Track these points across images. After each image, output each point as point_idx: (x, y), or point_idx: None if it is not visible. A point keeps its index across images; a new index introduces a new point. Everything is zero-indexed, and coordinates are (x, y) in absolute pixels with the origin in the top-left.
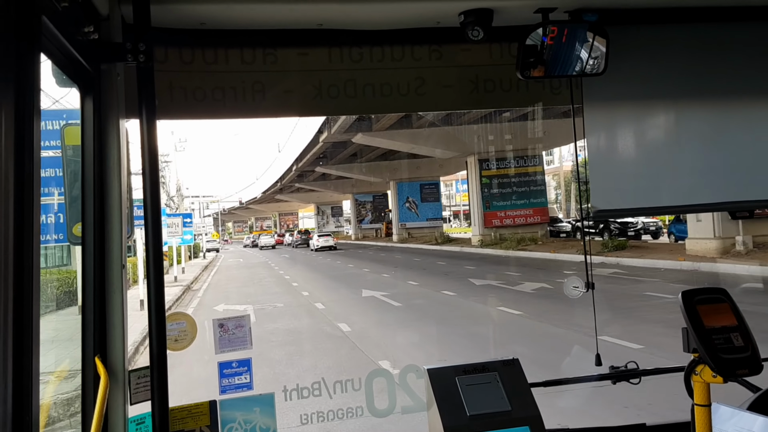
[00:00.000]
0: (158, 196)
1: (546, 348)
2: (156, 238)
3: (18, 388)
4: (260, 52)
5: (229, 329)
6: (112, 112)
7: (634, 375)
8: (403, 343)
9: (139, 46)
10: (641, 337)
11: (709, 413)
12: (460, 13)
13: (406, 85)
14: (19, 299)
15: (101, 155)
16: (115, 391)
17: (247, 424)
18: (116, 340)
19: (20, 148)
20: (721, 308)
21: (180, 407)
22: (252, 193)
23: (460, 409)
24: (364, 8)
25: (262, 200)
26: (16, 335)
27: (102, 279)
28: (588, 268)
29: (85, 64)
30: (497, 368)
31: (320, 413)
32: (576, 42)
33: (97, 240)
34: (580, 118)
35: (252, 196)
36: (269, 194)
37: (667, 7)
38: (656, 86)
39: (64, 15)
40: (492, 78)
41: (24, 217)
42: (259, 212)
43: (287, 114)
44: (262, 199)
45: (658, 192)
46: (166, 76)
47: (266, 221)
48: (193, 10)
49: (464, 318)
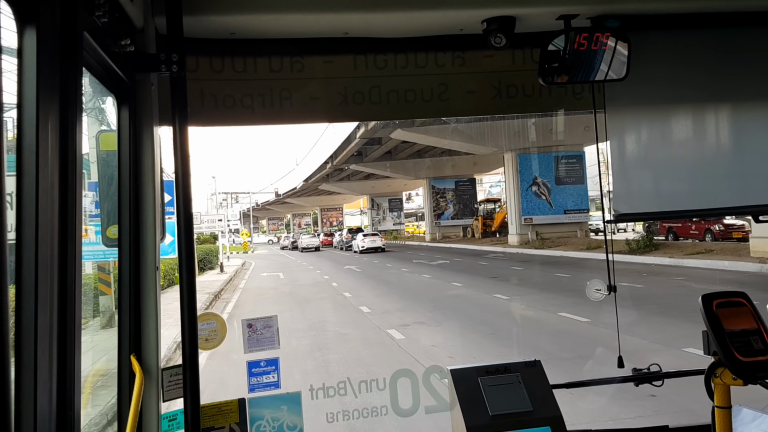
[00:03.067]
0: (190, 200)
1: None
2: (188, 242)
3: (62, 385)
4: (287, 60)
5: (257, 329)
6: (146, 120)
7: (657, 377)
8: None
9: (172, 57)
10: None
11: (729, 415)
12: (483, 20)
13: (430, 91)
14: (63, 301)
15: (136, 161)
16: (149, 388)
17: (275, 422)
18: (150, 339)
19: (64, 154)
20: (741, 311)
21: (210, 404)
22: (291, 182)
23: (483, 409)
24: (388, 16)
25: (303, 191)
26: (60, 336)
27: (137, 280)
28: (610, 271)
29: (121, 74)
30: (519, 369)
31: (345, 412)
32: (598, 48)
33: (132, 242)
34: (602, 122)
35: (291, 187)
36: (313, 182)
37: (688, 12)
38: (678, 91)
39: (102, 29)
40: (515, 84)
41: (68, 222)
42: (298, 207)
43: (313, 120)
44: (303, 190)
45: (680, 196)
46: (197, 85)
47: (305, 218)
48: (223, 21)
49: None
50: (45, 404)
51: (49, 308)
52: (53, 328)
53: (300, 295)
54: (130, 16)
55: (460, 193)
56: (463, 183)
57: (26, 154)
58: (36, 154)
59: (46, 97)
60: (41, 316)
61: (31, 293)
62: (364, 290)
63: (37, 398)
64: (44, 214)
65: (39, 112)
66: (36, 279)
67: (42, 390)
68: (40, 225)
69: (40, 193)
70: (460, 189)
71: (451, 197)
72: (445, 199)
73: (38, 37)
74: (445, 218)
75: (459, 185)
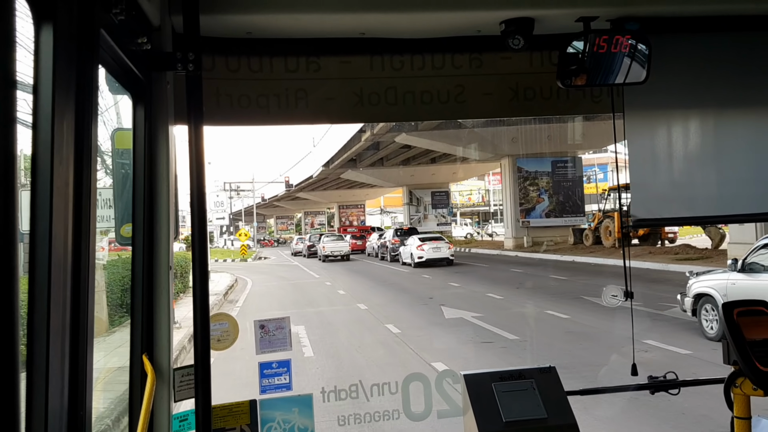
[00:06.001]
0: (204, 200)
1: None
2: (201, 242)
3: (74, 384)
4: (303, 60)
5: (269, 330)
6: (161, 119)
7: (673, 386)
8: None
9: (188, 55)
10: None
11: (749, 426)
12: (501, 21)
13: (446, 92)
14: (76, 298)
15: (151, 159)
16: (161, 387)
17: (285, 424)
18: (162, 339)
19: (79, 152)
20: (763, 321)
21: (221, 405)
22: (306, 170)
23: (496, 415)
24: (405, 17)
25: (321, 182)
26: (73, 334)
27: (150, 280)
28: (627, 277)
29: (137, 72)
30: (534, 375)
31: (357, 415)
32: (618, 50)
33: (146, 242)
34: (620, 126)
35: (306, 176)
36: (336, 166)
37: (709, 15)
38: (699, 94)
39: (120, 27)
40: (532, 86)
41: (82, 219)
42: (311, 204)
43: (329, 120)
44: (321, 181)
45: (699, 201)
46: (213, 84)
47: (318, 216)
48: (240, 20)
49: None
50: (56, 403)
51: (62, 306)
52: (66, 326)
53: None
54: (147, 15)
55: (558, 179)
56: (563, 164)
57: (41, 151)
58: (51, 151)
59: (62, 95)
60: (54, 313)
61: (44, 290)
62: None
63: (48, 397)
64: (58, 210)
65: (54, 109)
66: (49, 276)
67: (54, 389)
68: (54, 222)
69: (54, 190)
70: (558, 173)
71: (545, 185)
72: (537, 187)
73: (55, 35)
74: (536, 215)
75: (558, 167)
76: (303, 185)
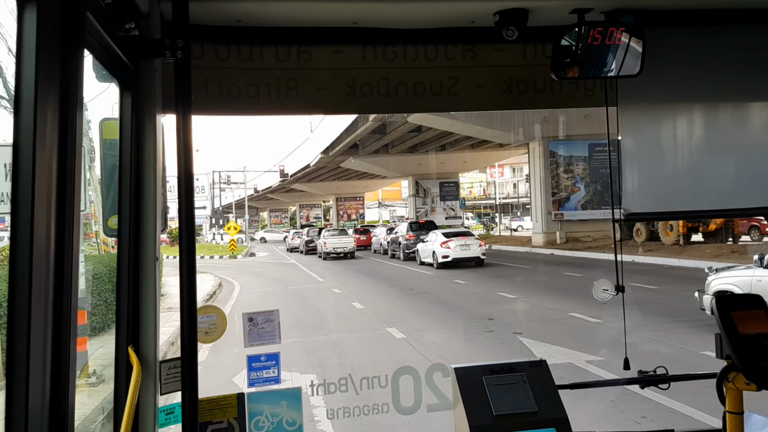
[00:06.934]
0: (192, 191)
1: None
2: (189, 233)
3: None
4: (294, 49)
5: (258, 323)
6: (149, 107)
7: (663, 380)
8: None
9: (177, 43)
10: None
11: (741, 421)
12: (495, 12)
13: (439, 84)
14: (59, 290)
15: (138, 149)
16: (147, 380)
17: (274, 417)
18: (149, 330)
19: (63, 140)
20: (757, 315)
21: (208, 399)
22: (302, 158)
23: (487, 408)
24: (398, 7)
25: (318, 172)
26: (55, 325)
27: (136, 271)
28: (618, 271)
29: (125, 59)
30: (524, 369)
31: (346, 408)
32: (612, 43)
33: (132, 233)
34: (614, 119)
35: (303, 164)
36: (336, 153)
37: (704, 8)
38: (693, 88)
39: (106, 12)
40: (525, 78)
41: (65, 210)
42: (307, 196)
43: (320, 111)
44: (319, 171)
45: (692, 196)
46: (202, 72)
47: (314, 209)
48: (230, 7)
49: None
50: (37, 394)
51: (43, 294)
52: (48, 316)
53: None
54: (135, 0)
55: (596, 165)
56: (602, 148)
57: (23, 138)
58: (33, 138)
59: (46, 80)
60: (35, 302)
61: (25, 278)
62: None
63: (29, 388)
64: (40, 198)
65: (38, 95)
66: (30, 267)
67: (34, 380)
68: (35, 211)
69: (36, 177)
70: (596, 158)
71: (581, 172)
72: (572, 174)
73: (39, 18)
74: (570, 207)
75: (596, 152)
76: (299, 175)
